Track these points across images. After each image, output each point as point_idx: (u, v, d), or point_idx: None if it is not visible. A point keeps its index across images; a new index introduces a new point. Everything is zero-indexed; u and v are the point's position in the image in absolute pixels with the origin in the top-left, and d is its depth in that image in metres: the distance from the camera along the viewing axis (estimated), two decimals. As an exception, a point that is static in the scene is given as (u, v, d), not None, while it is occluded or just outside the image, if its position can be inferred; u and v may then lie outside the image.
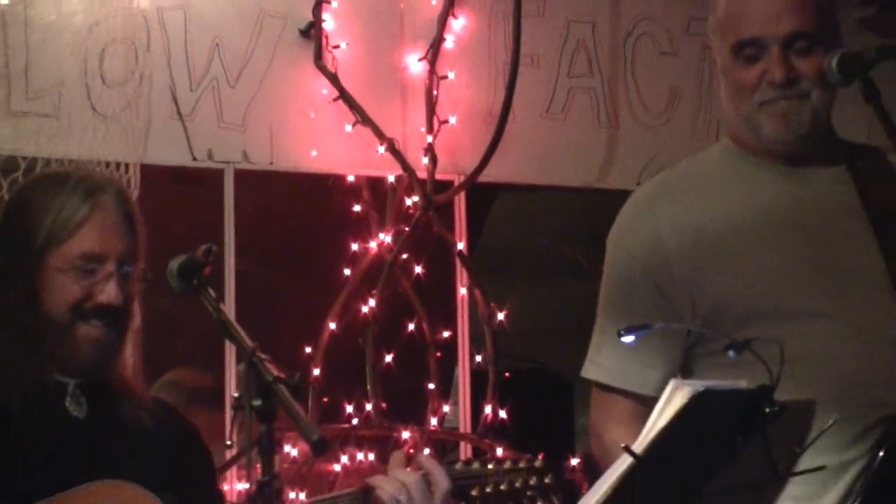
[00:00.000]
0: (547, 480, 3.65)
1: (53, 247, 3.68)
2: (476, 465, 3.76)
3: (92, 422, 3.77)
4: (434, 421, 5.94)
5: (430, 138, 5.94)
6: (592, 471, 3.70)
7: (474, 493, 3.71)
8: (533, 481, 3.72)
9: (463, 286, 6.01)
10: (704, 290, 3.87)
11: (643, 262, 3.96)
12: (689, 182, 4.04)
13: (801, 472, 3.44)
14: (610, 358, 3.94)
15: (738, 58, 3.92)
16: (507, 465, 3.75)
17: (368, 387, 5.83)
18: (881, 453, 3.73)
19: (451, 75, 6.00)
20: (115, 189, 3.81)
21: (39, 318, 3.72)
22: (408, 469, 3.67)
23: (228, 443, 3.82)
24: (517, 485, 3.67)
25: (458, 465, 3.76)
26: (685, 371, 3.93)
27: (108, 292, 3.70)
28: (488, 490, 3.71)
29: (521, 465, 3.73)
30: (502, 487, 3.72)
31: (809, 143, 3.96)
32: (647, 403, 3.82)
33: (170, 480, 3.74)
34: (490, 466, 3.74)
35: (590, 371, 4.00)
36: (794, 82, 3.92)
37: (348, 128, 5.88)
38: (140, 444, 3.79)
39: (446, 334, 5.98)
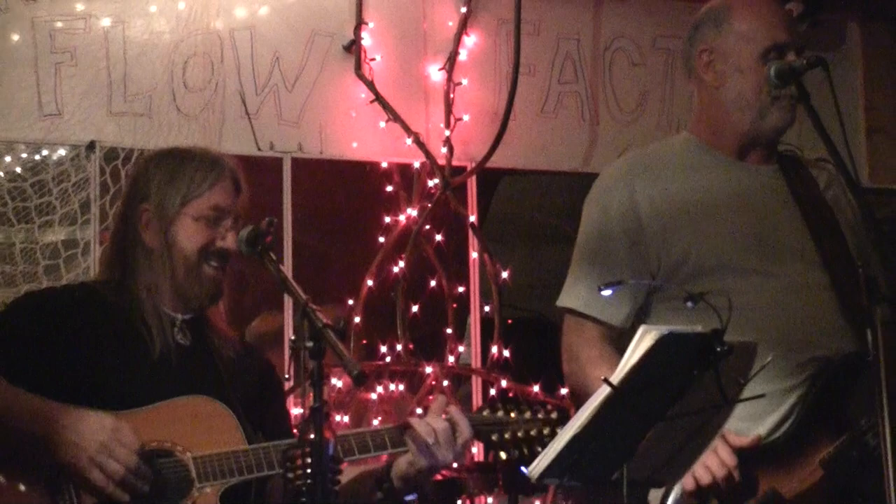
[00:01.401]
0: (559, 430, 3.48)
1: (191, 200, 3.74)
2: (500, 414, 3.77)
3: (192, 349, 3.81)
4: (451, 358, 5.96)
5: (447, 132, 5.98)
6: (579, 398, 3.72)
7: (494, 438, 3.73)
8: (546, 431, 3.72)
9: (474, 251, 6.03)
10: (669, 247, 3.91)
11: (620, 219, 3.97)
12: (659, 161, 4.07)
13: (745, 399, 3.40)
14: (584, 291, 3.96)
15: (763, 60, 3.94)
16: (527, 415, 3.76)
17: (399, 331, 5.89)
18: (813, 385, 3.80)
19: (464, 82, 6.03)
20: (228, 162, 3.87)
21: (175, 256, 3.77)
22: (441, 416, 3.67)
23: (287, 376, 3.86)
24: (532, 433, 3.68)
25: (486, 413, 3.77)
26: (644, 313, 3.96)
27: (228, 240, 3.76)
28: (506, 437, 3.72)
29: (540, 416, 3.75)
30: (519, 434, 3.73)
31: (776, 138, 4.03)
32: (612, 330, 3.92)
33: (245, 401, 3.77)
34: (512, 416, 3.76)
35: (566, 300, 4.03)
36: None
37: (382, 124, 5.92)
38: (225, 371, 3.82)
39: (461, 289, 6.01)
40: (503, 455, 3.77)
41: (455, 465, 4.33)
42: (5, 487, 3.58)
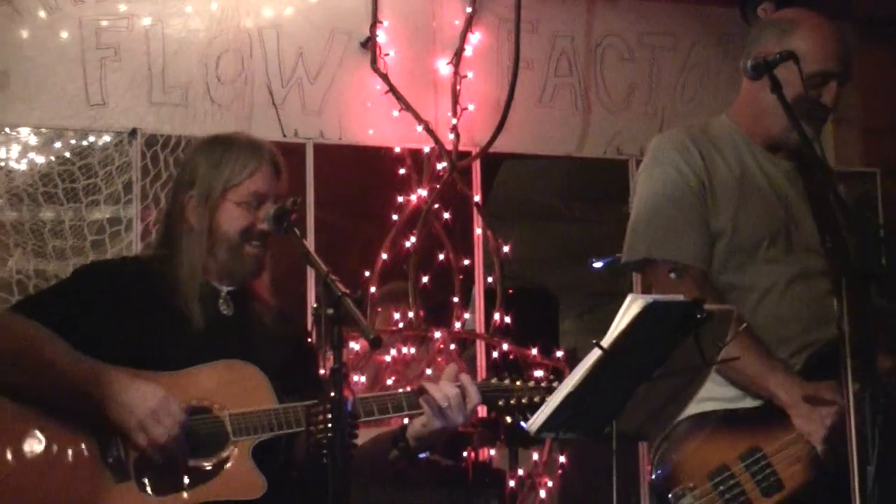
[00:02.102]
0: None
1: (233, 187, 3.72)
2: (506, 382, 3.75)
3: (234, 319, 3.81)
4: (457, 324, 5.97)
5: (454, 120, 5.99)
6: (573, 359, 3.73)
7: (500, 403, 3.71)
8: (547, 399, 3.72)
9: (478, 227, 6.04)
10: (717, 215, 3.94)
11: (695, 175, 3.96)
12: (713, 136, 4.06)
13: (721, 362, 3.43)
14: (686, 242, 3.92)
15: (806, 82, 3.87)
16: (531, 384, 3.73)
17: (410, 300, 5.90)
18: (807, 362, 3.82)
19: (469, 75, 6.04)
20: (270, 149, 3.83)
21: (218, 237, 3.78)
22: (453, 383, 3.66)
23: (309, 340, 3.90)
24: (535, 399, 3.64)
25: (493, 381, 3.76)
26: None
27: (296, 209, 3.73)
28: (511, 402, 3.71)
29: (542, 385, 3.72)
30: (523, 401, 3.71)
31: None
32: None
33: (281, 365, 3.77)
34: (517, 384, 3.74)
35: (665, 253, 3.93)
36: (834, 109, 4.00)
37: (395, 113, 5.94)
38: (263, 339, 3.83)
39: (466, 262, 6.02)
40: (508, 419, 3.77)
41: (463, 424, 4.34)
42: (59, 435, 3.62)
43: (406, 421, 3.76)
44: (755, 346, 3.79)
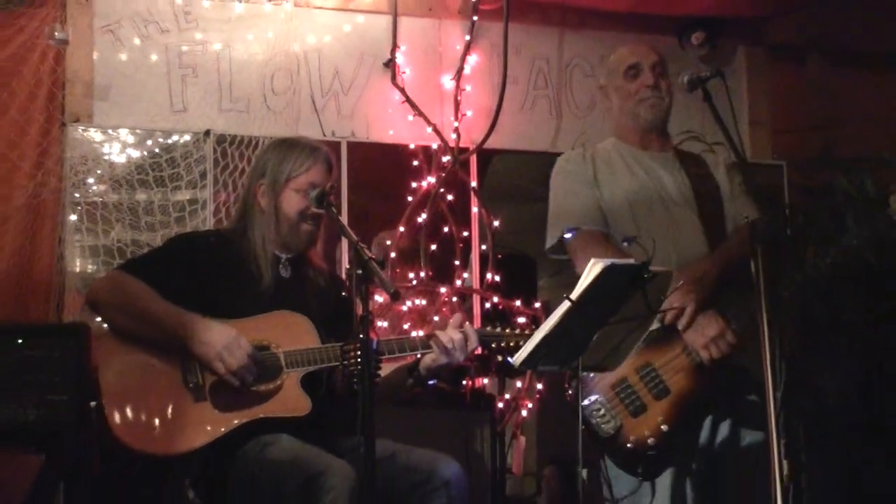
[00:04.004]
0: None
1: (293, 178, 3.76)
2: (498, 329, 3.77)
3: (291, 280, 3.84)
4: (458, 282, 5.96)
5: (456, 124, 5.96)
6: (548, 309, 3.73)
7: (493, 345, 3.75)
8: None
9: (475, 206, 6.02)
10: (607, 204, 3.97)
11: (586, 178, 4.03)
12: (596, 152, 4.12)
13: (662, 311, 3.49)
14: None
15: (625, 77, 4.03)
16: (517, 331, 3.76)
17: (422, 262, 5.89)
18: None
19: (468, 88, 6.01)
20: (325, 151, 3.87)
21: (281, 217, 3.78)
22: (458, 329, 3.70)
23: (343, 294, 3.91)
24: (520, 343, 3.59)
25: (489, 328, 3.77)
26: None
27: (334, 192, 3.84)
28: (502, 345, 3.74)
29: (525, 332, 3.73)
30: (511, 344, 3.73)
31: (661, 128, 4.04)
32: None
33: (327, 316, 3.81)
34: (507, 331, 3.77)
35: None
36: (657, 87, 4.00)
37: (410, 118, 5.92)
38: (313, 296, 3.85)
39: (465, 233, 5.99)
40: (500, 357, 3.80)
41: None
42: (152, 364, 3.67)
43: (419, 356, 3.78)
44: None
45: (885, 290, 5.28)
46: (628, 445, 3.71)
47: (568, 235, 3.97)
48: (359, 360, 3.30)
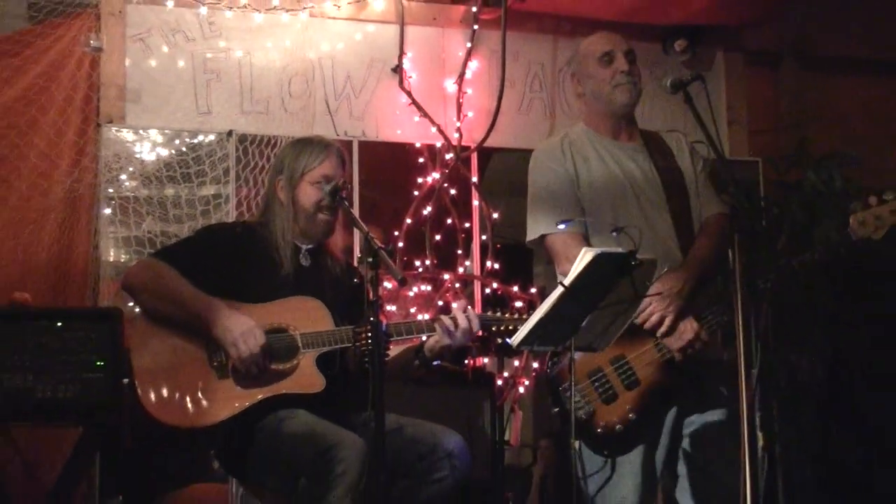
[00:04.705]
0: None
1: (308, 171, 3.77)
2: (498, 314, 3.77)
3: (310, 268, 3.84)
4: (461, 269, 5.94)
5: (458, 124, 5.92)
6: (543, 294, 3.72)
7: (493, 329, 3.74)
8: None
9: (476, 200, 5.99)
10: (585, 196, 3.91)
11: (565, 173, 3.95)
12: (571, 142, 4.02)
13: (648, 295, 3.47)
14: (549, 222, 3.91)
15: (599, 62, 3.96)
16: (515, 315, 3.75)
17: (427, 251, 5.86)
18: None
19: (469, 91, 5.97)
20: (337, 146, 3.88)
21: (298, 208, 3.78)
22: (461, 314, 3.69)
23: (356, 281, 3.91)
24: (518, 327, 3.61)
25: (489, 313, 3.77)
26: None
27: (347, 187, 3.85)
28: (501, 328, 3.73)
29: (523, 316, 3.71)
30: (510, 328, 3.72)
31: (631, 116, 3.97)
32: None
33: (342, 302, 3.80)
34: (506, 316, 3.76)
35: (543, 230, 3.93)
36: (631, 73, 3.95)
37: (416, 119, 5.88)
38: (329, 283, 3.85)
39: (467, 225, 5.96)
40: (499, 339, 3.80)
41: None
42: (180, 344, 3.69)
43: (424, 338, 3.77)
44: None
45: (852, 280, 5.28)
46: (598, 430, 3.70)
47: (556, 229, 3.90)
48: (370, 341, 3.31)
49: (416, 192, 5.89)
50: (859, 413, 5.52)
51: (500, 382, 5.58)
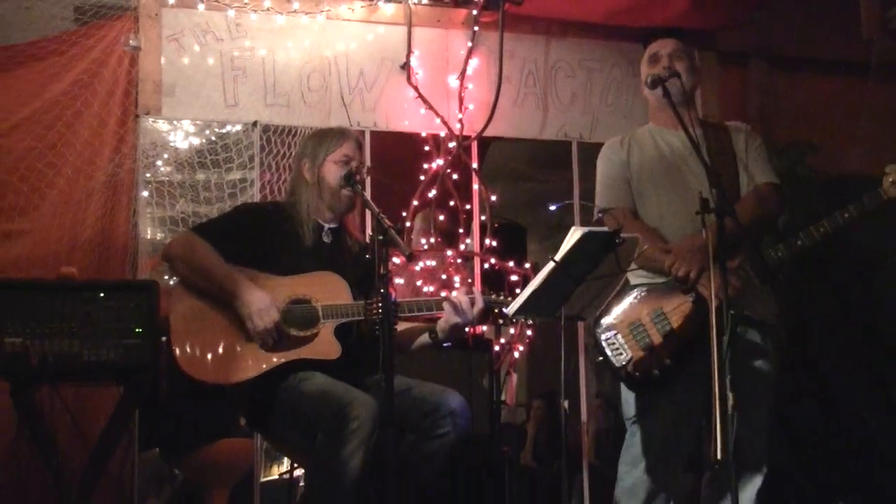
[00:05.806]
0: None
1: (331, 152, 3.78)
2: (500, 297, 3.77)
3: (331, 245, 3.85)
4: (462, 246, 5.92)
5: (460, 115, 5.88)
6: (536, 269, 3.73)
7: (496, 311, 3.75)
8: None
9: (476, 184, 5.96)
10: (635, 180, 3.98)
11: (619, 160, 4.03)
12: (633, 136, 4.11)
13: (630, 270, 3.47)
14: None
15: (647, 63, 4.06)
16: (511, 299, 3.72)
17: (432, 230, 5.85)
18: None
19: (470, 86, 5.93)
20: (354, 132, 3.95)
21: (323, 186, 3.78)
22: (466, 294, 3.71)
23: (367, 256, 3.90)
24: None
25: (493, 297, 3.77)
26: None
27: (361, 172, 3.85)
28: (504, 310, 3.72)
29: (518, 291, 3.69)
30: (507, 299, 3.73)
31: (685, 104, 3.95)
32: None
33: (359, 277, 3.80)
34: (508, 298, 3.75)
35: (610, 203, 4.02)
36: (671, 68, 3.95)
37: (422, 111, 5.84)
38: (348, 259, 3.85)
39: (468, 206, 5.94)
40: (497, 310, 3.80)
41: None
42: (212, 311, 3.71)
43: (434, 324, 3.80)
44: (657, 246, 3.82)
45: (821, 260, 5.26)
46: (637, 374, 3.74)
47: (606, 208, 4.02)
48: (380, 311, 3.31)
49: (422, 177, 5.86)
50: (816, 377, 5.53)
51: (497, 348, 5.58)
